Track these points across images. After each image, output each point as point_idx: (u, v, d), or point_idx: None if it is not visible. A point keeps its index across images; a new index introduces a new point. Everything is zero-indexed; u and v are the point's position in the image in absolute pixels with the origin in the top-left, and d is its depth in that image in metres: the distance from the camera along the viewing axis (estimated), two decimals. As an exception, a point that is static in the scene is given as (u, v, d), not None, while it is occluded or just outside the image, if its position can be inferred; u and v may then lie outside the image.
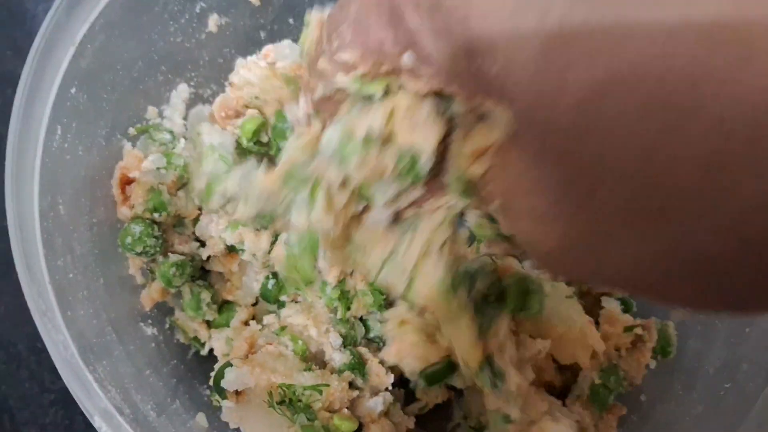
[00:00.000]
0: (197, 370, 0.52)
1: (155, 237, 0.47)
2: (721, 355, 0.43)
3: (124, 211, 0.47)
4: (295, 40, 0.55)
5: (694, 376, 0.44)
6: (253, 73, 0.50)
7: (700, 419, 0.42)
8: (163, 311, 0.52)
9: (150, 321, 0.51)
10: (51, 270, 0.41)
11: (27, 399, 0.53)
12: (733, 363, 0.42)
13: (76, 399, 0.37)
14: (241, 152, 0.50)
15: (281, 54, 0.51)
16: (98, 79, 0.46)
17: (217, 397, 0.45)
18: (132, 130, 0.50)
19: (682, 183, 0.19)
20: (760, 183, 0.18)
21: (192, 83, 0.54)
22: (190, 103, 0.54)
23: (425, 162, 0.29)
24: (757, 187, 0.18)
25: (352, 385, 0.46)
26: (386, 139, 0.30)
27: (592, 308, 0.48)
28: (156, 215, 0.47)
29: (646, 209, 0.20)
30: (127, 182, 0.47)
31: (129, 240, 0.46)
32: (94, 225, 0.47)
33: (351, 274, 0.48)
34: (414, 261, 0.34)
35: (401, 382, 0.50)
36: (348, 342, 0.48)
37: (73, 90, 0.44)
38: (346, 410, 0.45)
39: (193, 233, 0.51)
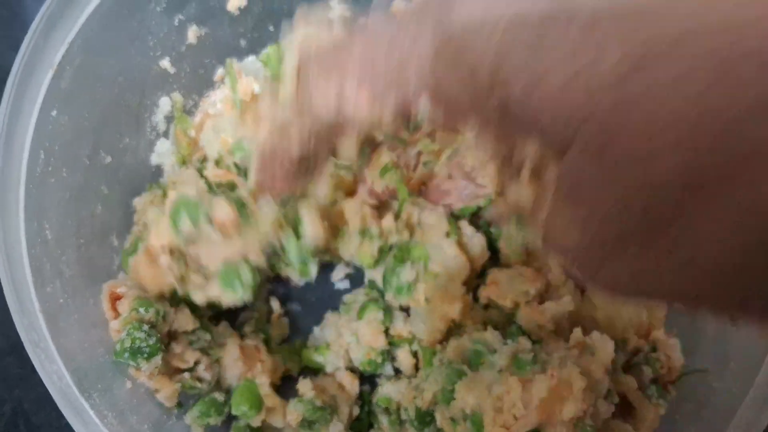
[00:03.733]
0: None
1: (144, 331, 0.42)
2: (709, 354, 0.44)
3: (114, 326, 0.43)
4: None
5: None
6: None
7: (688, 418, 0.43)
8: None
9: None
10: (41, 298, 0.40)
11: (42, 402, 0.53)
12: (721, 362, 0.42)
13: (74, 429, 0.37)
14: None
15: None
16: (79, 100, 0.45)
17: None
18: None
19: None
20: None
21: (174, 95, 0.53)
22: (172, 116, 0.54)
23: None
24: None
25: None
26: None
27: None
28: (142, 310, 0.42)
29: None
30: (116, 298, 0.45)
31: (118, 347, 0.42)
32: (82, 245, 0.47)
33: None
34: None
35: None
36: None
37: (54, 113, 0.43)
38: None
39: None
